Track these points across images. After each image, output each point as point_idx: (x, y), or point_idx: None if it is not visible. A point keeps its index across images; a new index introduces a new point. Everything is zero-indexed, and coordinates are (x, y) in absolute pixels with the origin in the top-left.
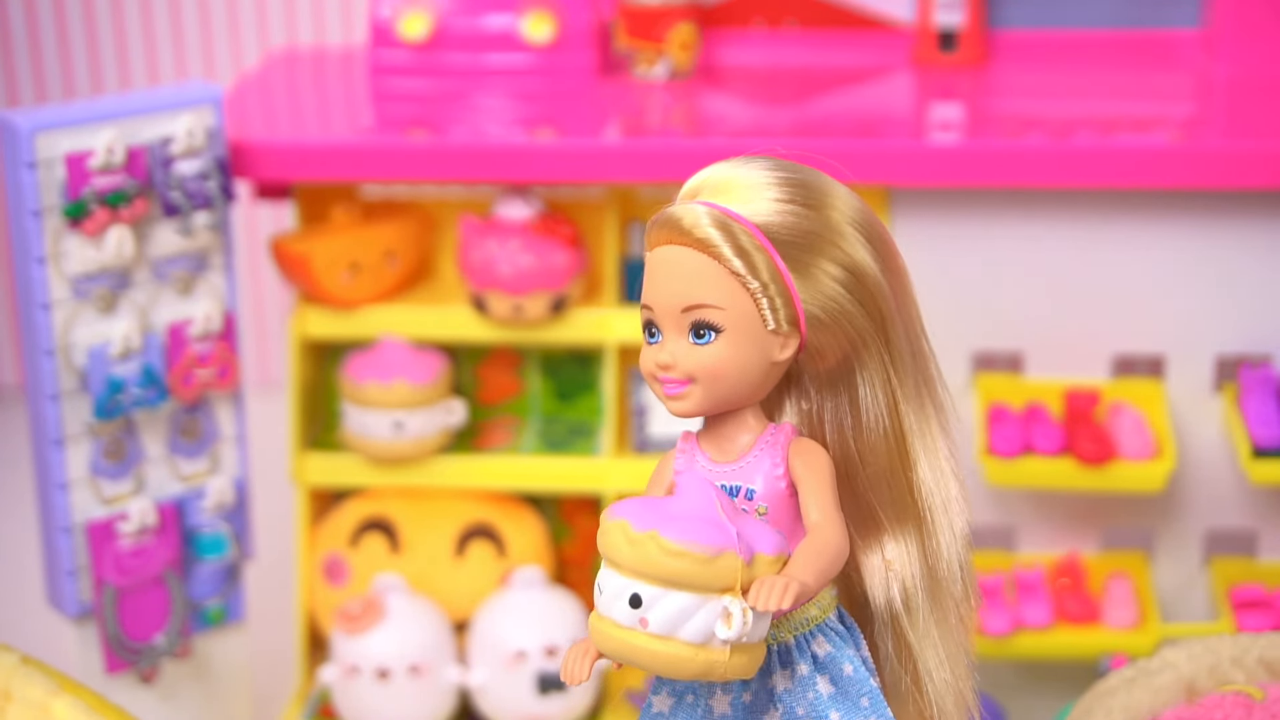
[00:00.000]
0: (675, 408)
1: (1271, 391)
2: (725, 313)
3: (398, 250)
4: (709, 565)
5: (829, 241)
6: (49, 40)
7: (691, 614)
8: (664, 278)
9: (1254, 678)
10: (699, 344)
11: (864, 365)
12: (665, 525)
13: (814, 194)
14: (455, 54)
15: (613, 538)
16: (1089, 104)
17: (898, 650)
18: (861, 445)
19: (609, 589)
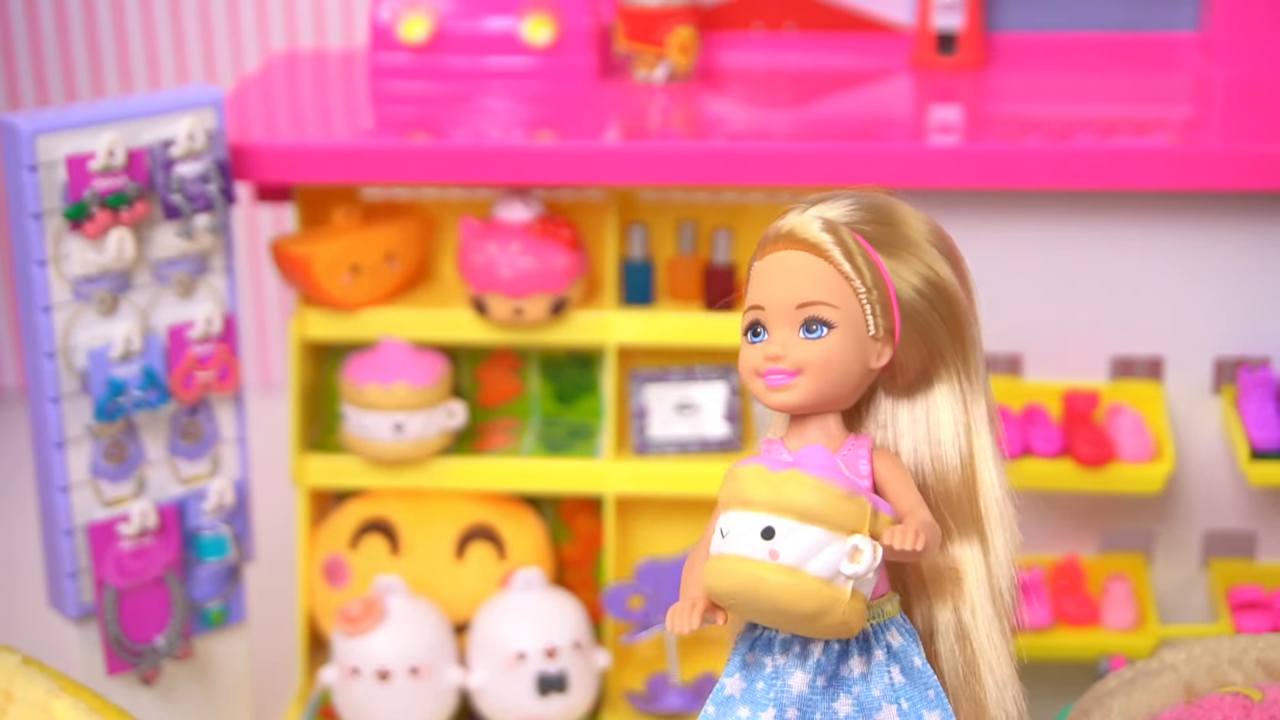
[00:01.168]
0: (778, 399)
1: (1270, 393)
2: (838, 310)
3: (398, 252)
4: (844, 502)
5: (909, 253)
6: (50, 43)
7: (822, 547)
8: (777, 277)
9: (1252, 679)
10: (810, 338)
11: (942, 383)
12: (803, 467)
13: (891, 213)
14: (455, 56)
15: (749, 479)
16: (1088, 106)
17: (964, 655)
18: (937, 462)
19: (738, 528)
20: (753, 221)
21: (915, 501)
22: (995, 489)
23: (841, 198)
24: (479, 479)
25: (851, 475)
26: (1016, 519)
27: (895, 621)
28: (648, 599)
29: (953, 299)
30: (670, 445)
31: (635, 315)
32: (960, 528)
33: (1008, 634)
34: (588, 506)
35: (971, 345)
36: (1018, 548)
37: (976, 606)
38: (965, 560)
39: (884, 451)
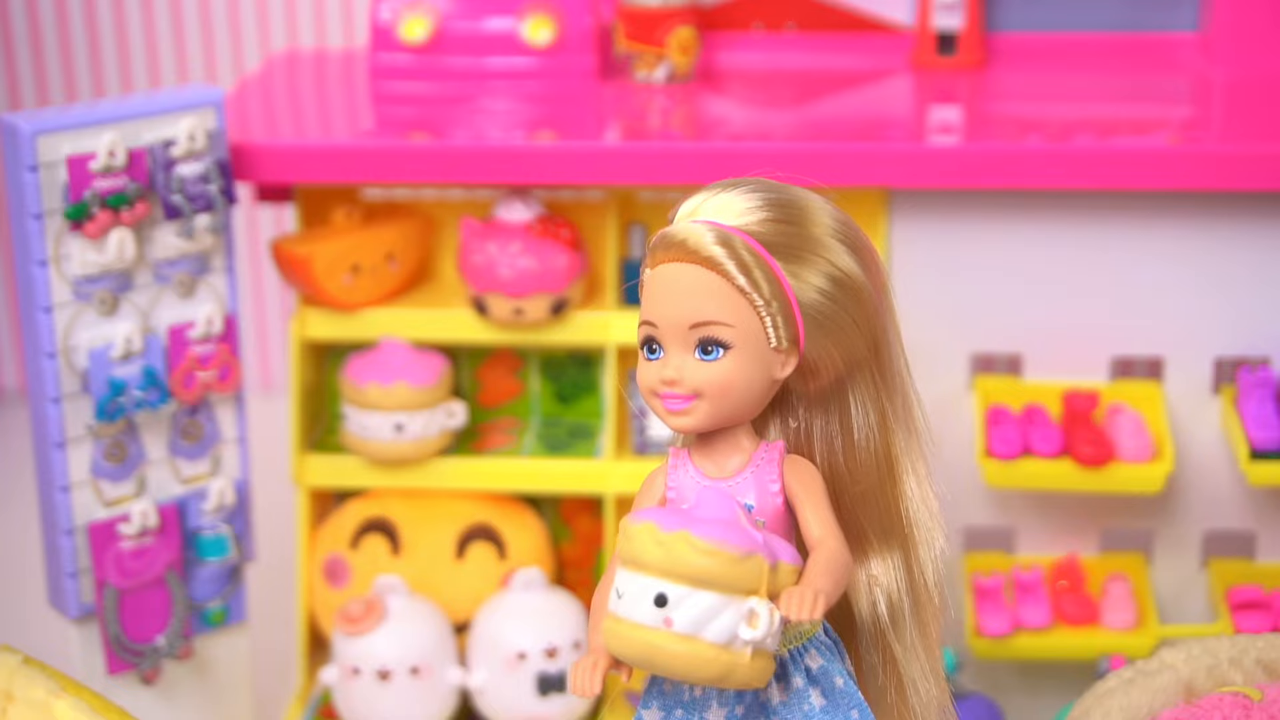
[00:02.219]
0: (678, 423)
1: (1270, 393)
2: (734, 330)
3: (398, 252)
4: (738, 565)
5: (813, 253)
6: (51, 43)
7: (717, 614)
8: (669, 294)
9: (1252, 679)
10: (706, 360)
11: (855, 383)
12: (695, 527)
13: (794, 210)
14: (456, 57)
15: (640, 540)
16: (1088, 106)
17: (884, 663)
18: (851, 462)
19: (631, 590)
20: None
21: (824, 526)
22: (916, 489)
23: (739, 190)
24: (479, 479)
25: (748, 521)
26: (941, 517)
27: (816, 639)
28: None
29: (860, 295)
30: None
31: (636, 315)
32: (880, 532)
33: (934, 640)
34: (588, 506)
35: (884, 340)
36: (943, 548)
37: (898, 613)
38: (883, 567)
39: (795, 461)
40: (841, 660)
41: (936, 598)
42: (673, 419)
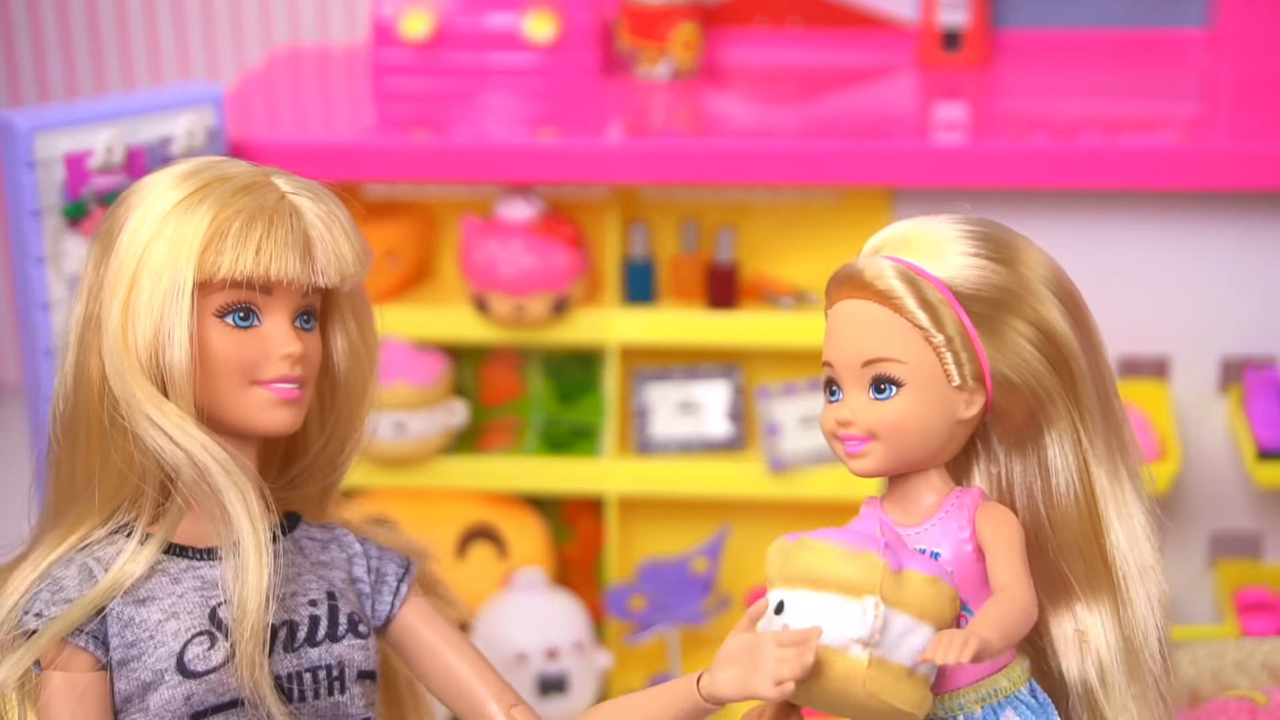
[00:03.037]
0: (856, 466)
1: (1276, 393)
2: (907, 366)
3: (399, 250)
4: (848, 561)
5: (1021, 299)
6: (52, 40)
7: (830, 615)
8: (844, 332)
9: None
10: (880, 399)
11: (1053, 425)
12: (815, 533)
13: (1004, 249)
14: (457, 53)
15: (769, 555)
16: (1094, 104)
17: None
18: (1052, 510)
19: (766, 607)
20: (756, 219)
21: (1009, 573)
22: (1125, 539)
23: (948, 227)
24: (480, 478)
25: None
26: (1162, 568)
27: (1016, 698)
28: (649, 599)
29: (1064, 344)
30: (672, 444)
31: (637, 314)
32: (1085, 584)
33: (1155, 698)
34: (589, 506)
35: (1085, 390)
36: (1164, 602)
37: (1107, 671)
38: (1092, 621)
39: (990, 508)
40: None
41: (1157, 658)
42: (851, 462)
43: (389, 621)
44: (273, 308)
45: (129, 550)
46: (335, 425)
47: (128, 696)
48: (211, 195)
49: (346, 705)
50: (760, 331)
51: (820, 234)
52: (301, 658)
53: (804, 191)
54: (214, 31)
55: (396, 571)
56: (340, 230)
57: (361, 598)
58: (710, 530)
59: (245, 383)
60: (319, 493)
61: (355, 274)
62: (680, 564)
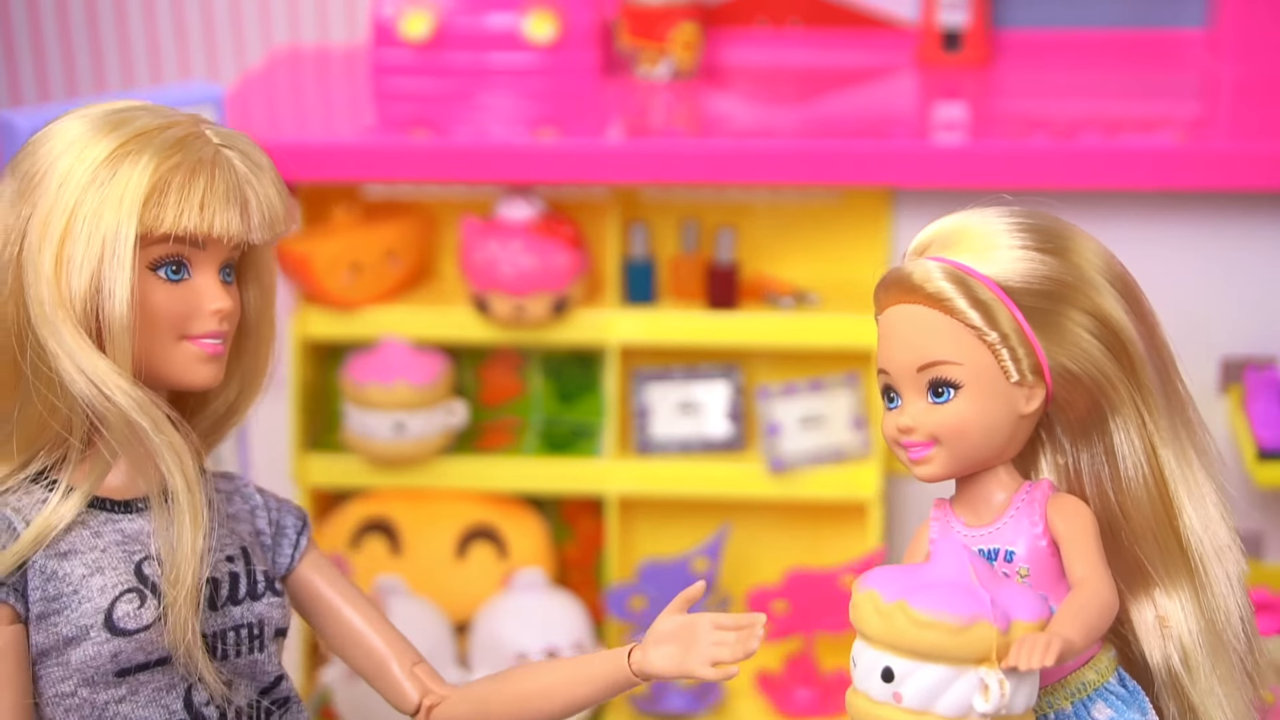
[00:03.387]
0: (922, 472)
1: (1277, 393)
2: (963, 368)
3: (399, 250)
4: (961, 635)
5: (1074, 289)
6: (52, 39)
7: (946, 686)
8: (896, 338)
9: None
10: (938, 403)
11: (1116, 412)
12: (914, 595)
13: (1054, 239)
14: (457, 53)
15: (863, 610)
16: (1094, 104)
17: (1181, 712)
18: (1122, 496)
19: (863, 663)
20: (756, 219)
21: (1087, 565)
22: (1198, 520)
23: (996, 220)
24: (480, 479)
25: (983, 579)
26: (1239, 545)
27: (1105, 689)
28: (649, 600)
29: (1122, 333)
30: (672, 445)
31: (637, 314)
32: (1164, 570)
33: (1241, 678)
34: (589, 506)
35: (1146, 374)
36: (1242, 580)
37: (1190, 655)
38: (1172, 607)
39: (1061, 500)
40: (1141, 712)
41: (1240, 637)
42: (916, 469)
43: (288, 574)
44: (203, 262)
45: (52, 502)
46: (240, 373)
47: (45, 650)
48: (150, 146)
49: (264, 663)
50: (760, 332)
51: (820, 234)
52: (225, 616)
53: (804, 192)
54: (214, 31)
55: (295, 524)
56: (270, 184)
57: (264, 550)
58: (710, 530)
59: (175, 337)
60: (209, 439)
61: (285, 229)
62: (680, 564)
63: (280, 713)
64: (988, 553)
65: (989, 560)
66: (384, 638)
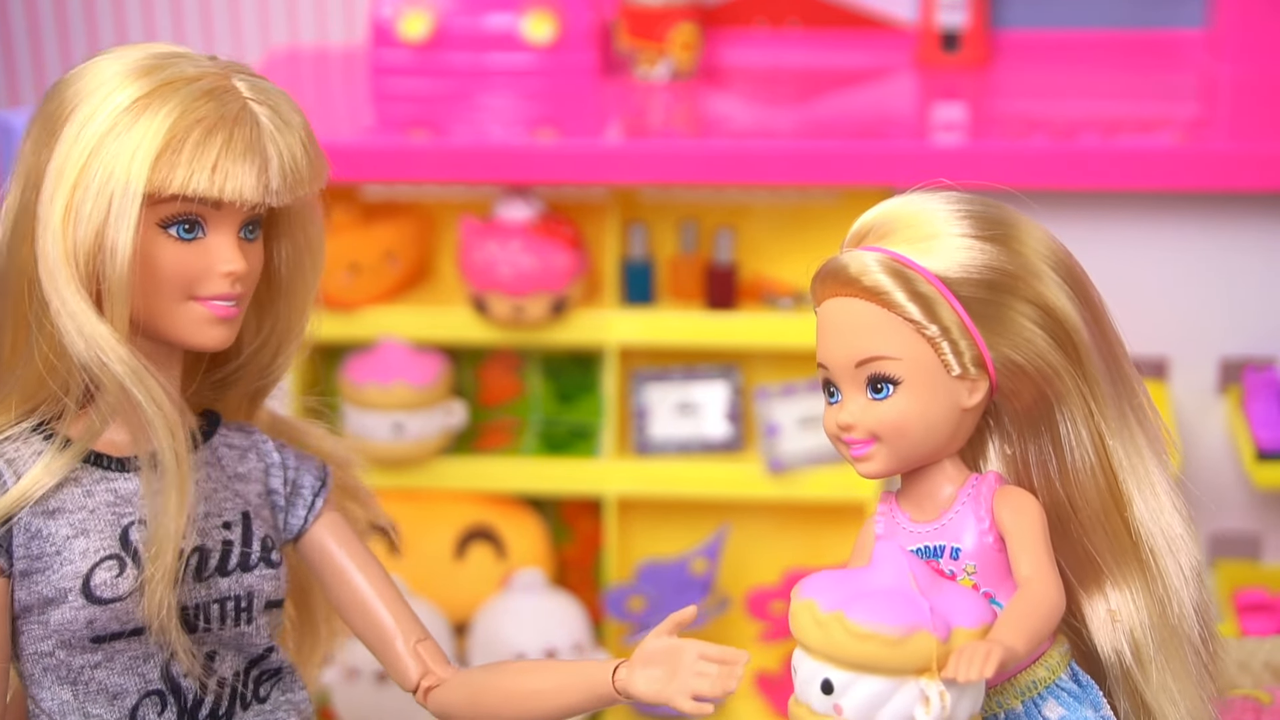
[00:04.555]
0: (863, 470)
1: (1275, 394)
2: (902, 363)
3: (397, 251)
4: (899, 647)
5: (1020, 280)
6: (50, 40)
7: (887, 699)
8: (834, 333)
9: (1260, 682)
10: (878, 399)
11: (1062, 402)
12: (851, 605)
13: (998, 227)
14: (456, 54)
15: (801, 619)
16: (1093, 104)
17: (1134, 708)
18: (1070, 488)
19: (802, 673)
20: (755, 220)
21: (1032, 564)
22: (1149, 510)
23: (939, 206)
24: (479, 479)
25: (923, 585)
26: (1192, 535)
27: (1057, 686)
28: (648, 600)
29: (1068, 323)
30: (671, 445)
31: (636, 315)
32: (1112, 561)
33: (1198, 672)
34: (588, 507)
35: (1092, 362)
36: (1196, 571)
37: (1142, 649)
38: (1122, 599)
39: (1008, 493)
40: (1094, 708)
41: (1194, 628)
42: (858, 466)
43: (300, 536)
44: (220, 222)
45: (45, 458)
46: (272, 331)
47: (27, 607)
48: (174, 98)
49: (252, 635)
50: (759, 332)
51: (819, 235)
52: (211, 588)
53: (803, 192)
54: (212, 32)
55: (313, 485)
56: (298, 143)
57: (275, 510)
58: (709, 531)
59: (183, 297)
60: (248, 397)
61: (311, 190)
62: (679, 565)
63: (272, 684)
64: (933, 549)
65: (935, 557)
66: (392, 611)
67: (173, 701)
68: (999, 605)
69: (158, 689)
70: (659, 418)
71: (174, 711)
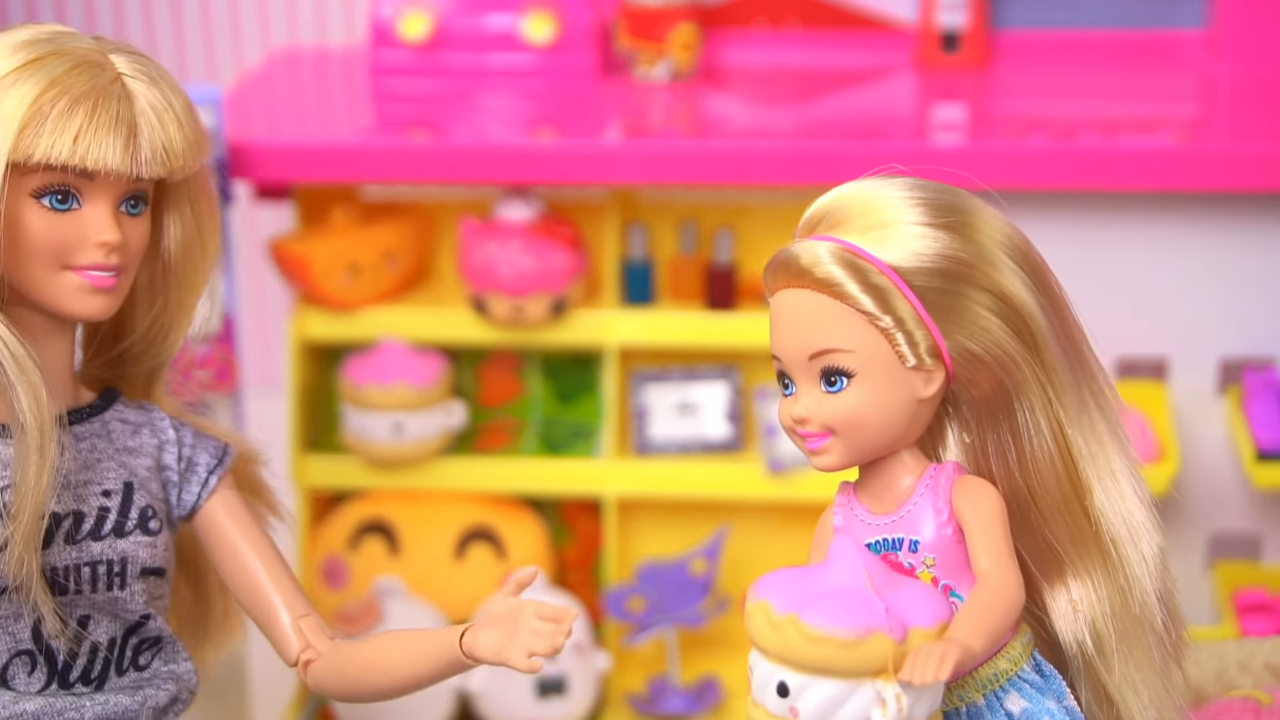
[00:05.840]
0: (819, 463)
1: (1275, 394)
2: (855, 355)
3: (397, 251)
4: (854, 650)
5: (976, 268)
6: None
7: (843, 701)
8: (787, 325)
9: (1260, 683)
10: (831, 392)
11: (1020, 391)
12: (805, 608)
13: (954, 214)
14: (455, 54)
15: (755, 620)
16: (1092, 105)
17: (1096, 698)
18: (1030, 477)
19: (759, 674)
20: (755, 220)
21: (990, 556)
22: (1110, 499)
23: (895, 193)
24: (479, 479)
25: (879, 583)
26: (1155, 522)
27: (1019, 678)
28: (648, 601)
29: (1023, 312)
30: (671, 445)
31: (636, 315)
32: (1072, 550)
33: (1161, 662)
34: (588, 507)
35: (1049, 350)
36: (1159, 559)
37: (1103, 638)
38: (1083, 589)
39: (967, 483)
40: (1056, 698)
41: (1158, 617)
42: (814, 459)
43: (194, 512)
44: (95, 193)
45: None
46: (163, 308)
47: None
48: (42, 70)
49: (126, 600)
50: (759, 333)
51: None
52: (82, 551)
53: (802, 192)
54: (212, 32)
55: (209, 462)
56: (173, 119)
57: (167, 486)
58: (709, 531)
59: (57, 266)
60: (145, 374)
61: (185, 165)
62: (679, 565)
63: (153, 653)
64: (892, 541)
65: (893, 549)
66: (278, 587)
67: (43, 662)
68: (959, 598)
69: (28, 649)
70: (659, 418)
71: (44, 672)
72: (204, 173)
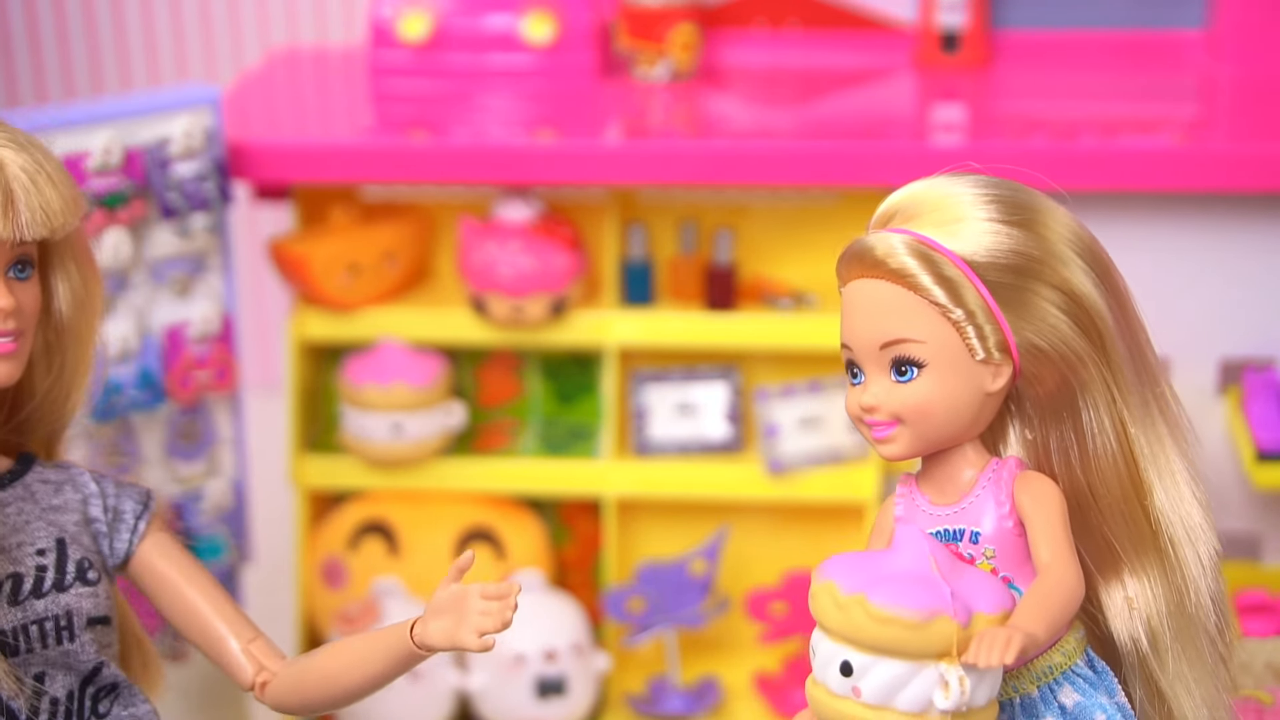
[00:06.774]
0: (885, 451)
1: (1275, 395)
2: (926, 346)
3: (397, 252)
4: (920, 631)
5: (1043, 264)
6: (49, 41)
7: (905, 682)
8: (859, 314)
9: (1262, 683)
10: (901, 382)
11: (1085, 389)
12: (873, 588)
13: (1024, 212)
14: (455, 54)
15: (821, 601)
16: (1092, 105)
17: (1149, 695)
18: (1091, 475)
19: (821, 654)
20: (755, 220)
21: (1051, 549)
22: (1169, 500)
23: (964, 190)
24: (478, 480)
25: (944, 569)
26: (1211, 525)
27: (1072, 672)
28: (648, 601)
29: (1092, 308)
30: (671, 446)
31: (635, 315)
32: (1130, 549)
33: (1213, 662)
34: (588, 507)
35: (1116, 350)
36: (1214, 561)
37: (1159, 638)
38: (1139, 588)
39: (1029, 478)
40: (1109, 694)
41: (1211, 618)
42: (880, 447)
43: (128, 559)
44: None
45: None
46: (61, 369)
47: None
48: None
49: (77, 652)
50: (759, 333)
51: (819, 235)
52: (27, 610)
53: (803, 193)
54: (211, 32)
55: (135, 509)
56: (47, 181)
57: (98, 538)
58: (709, 532)
59: None
60: (48, 436)
61: (65, 223)
62: (679, 566)
63: (111, 700)
64: (953, 533)
65: (955, 540)
66: (222, 616)
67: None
68: (1018, 590)
69: None
70: (658, 418)
71: None
72: (81, 230)
